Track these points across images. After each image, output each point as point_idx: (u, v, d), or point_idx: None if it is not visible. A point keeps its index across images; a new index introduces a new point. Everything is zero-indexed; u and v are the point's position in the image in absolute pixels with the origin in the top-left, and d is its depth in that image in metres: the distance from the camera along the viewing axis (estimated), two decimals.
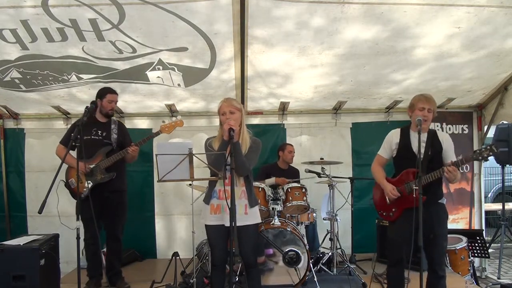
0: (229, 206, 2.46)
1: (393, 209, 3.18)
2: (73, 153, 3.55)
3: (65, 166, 3.22)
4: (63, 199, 3.64)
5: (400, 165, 3.17)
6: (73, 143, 3.07)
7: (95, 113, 3.81)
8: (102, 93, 3.81)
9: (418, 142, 2.83)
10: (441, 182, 3.11)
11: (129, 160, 3.94)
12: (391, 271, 3.21)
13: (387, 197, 3.18)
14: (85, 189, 3.67)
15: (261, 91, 4.64)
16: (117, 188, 3.85)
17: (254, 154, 2.94)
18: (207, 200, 2.98)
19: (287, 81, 4.36)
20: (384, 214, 3.27)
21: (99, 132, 3.81)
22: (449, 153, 3.06)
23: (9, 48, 3.53)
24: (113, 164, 3.73)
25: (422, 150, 3.01)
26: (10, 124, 5.20)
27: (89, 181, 3.69)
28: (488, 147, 2.77)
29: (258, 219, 3.00)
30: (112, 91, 3.85)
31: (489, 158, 2.94)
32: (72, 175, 3.75)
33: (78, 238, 2.98)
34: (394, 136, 3.22)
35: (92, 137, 3.77)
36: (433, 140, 3.06)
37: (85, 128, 3.72)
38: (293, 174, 4.94)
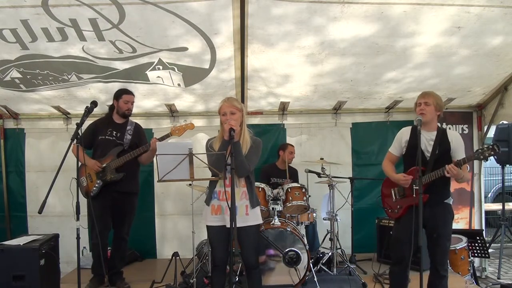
0: (229, 206, 2.46)
1: (398, 206, 3.20)
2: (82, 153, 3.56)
3: (74, 165, 3.20)
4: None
5: (408, 163, 3.18)
6: (73, 141, 3.08)
7: (112, 114, 3.90)
8: (118, 94, 3.86)
9: (418, 141, 2.84)
10: (448, 182, 3.09)
11: (144, 161, 3.96)
12: (393, 269, 3.20)
13: (394, 194, 3.22)
14: (95, 188, 3.71)
15: (261, 90, 4.64)
16: (128, 190, 3.87)
17: (254, 155, 2.93)
18: (207, 201, 2.98)
19: (287, 80, 4.36)
20: (390, 211, 3.30)
21: (114, 132, 3.85)
22: (458, 152, 3.03)
23: (9, 48, 3.52)
24: (123, 164, 3.75)
25: (430, 149, 3.03)
26: (10, 124, 5.20)
27: (99, 180, 3.72)
28: (490, 147, 2.79)
29: (259, 220, 2.99)
30: (128, 92, 3.89)
31: (490, 158, 2.95)
32: (83, 173, 3.76)
33: (78, 238, 2.98)
34: (404, 134, 3.23)
35: (107, 137, 3.82)
36: (441, 139, 3.05)
37: (102, 128, 3.85)
38: (292, 174, 4.94)
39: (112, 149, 3.80)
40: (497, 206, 7.02)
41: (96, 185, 3.73)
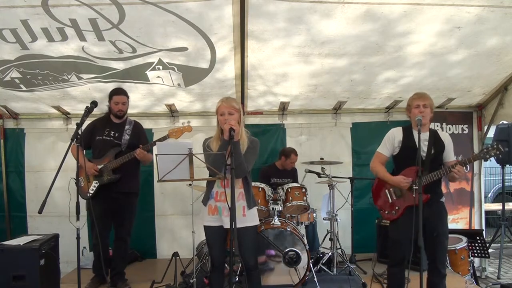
0: (229, 206, 2.45)
1: (396, 207, 3.17)
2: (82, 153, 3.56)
3: (73, 165, 3.20)
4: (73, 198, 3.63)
5: (402, 163, 3.16)
6: (73, 142, 3.07)
7: (109, 114, 3.87)
8: (110, 95, 3.85)
9: (418, 142, 2.84)
10: (441, 181, 3.13)
11: (144, 162, 3.93)
12: (392, 271, 3.19)
13: (390, 195, 3.19)
14: (91, 189, 3.70)
15: (261, 90, 4.64)
16: (127, 190, 3.85)
17: (252, 155, 2.91)
18: (205, 201, 2.97)
19: (287, 80, 4.36)
20: (386, 212, 3.26)
21: (112, 132, 3.83)
22: (450, 153, 3.12)
23: (9, 48, 3.53)
24: (120, 165, 3.73)
25: (425, 149, 3.03)
26: (10, 124, 5.20)
27: (96, 181, 3.71)
28: (495, 146, 2.81)
29: (256, 221, 2.97)
30: (119, 93, 3.85)
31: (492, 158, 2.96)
32: (81, 174, 3.75)
33: (78, 238, 2.97)
34: (396, 134, 3.21)
35: (104, 137, 3.80)
36: (435, 139, 3.07)
37: (99, 128, 3.82)
38: (291, 173, 4.94)
39: (110, 150, 3.77)
40: (497, 206, 7.02)
41: (93, 186, 3.70)
